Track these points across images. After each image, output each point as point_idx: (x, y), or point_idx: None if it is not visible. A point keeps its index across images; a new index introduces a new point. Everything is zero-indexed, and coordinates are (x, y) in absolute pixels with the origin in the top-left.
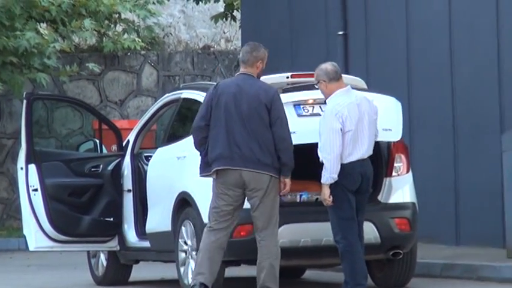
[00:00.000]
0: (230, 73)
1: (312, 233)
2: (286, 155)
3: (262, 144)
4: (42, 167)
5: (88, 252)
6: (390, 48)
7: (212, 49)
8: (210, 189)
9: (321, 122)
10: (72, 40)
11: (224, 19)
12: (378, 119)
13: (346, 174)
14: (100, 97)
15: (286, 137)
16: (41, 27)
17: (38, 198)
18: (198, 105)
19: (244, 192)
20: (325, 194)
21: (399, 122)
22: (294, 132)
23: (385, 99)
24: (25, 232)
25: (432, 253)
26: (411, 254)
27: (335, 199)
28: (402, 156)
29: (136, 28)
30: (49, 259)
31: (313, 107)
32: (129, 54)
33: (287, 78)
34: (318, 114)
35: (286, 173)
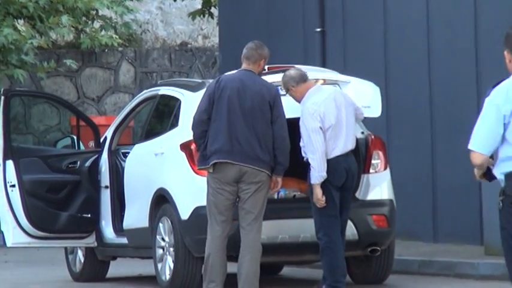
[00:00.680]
0: (207, 70)
1: (290, 229)
2: (283, 155)
3: (262, 141)
4: (19, 163)
5: (65, 248)
6: (368, 45)
7: (189, 46)
8: (187, 185)
9: (300, 124)
10: (49, 36)
11: (202, 16)
12: (356, 101)
13: (332, 170)
14: (77, 93)
15: (285, 136)
16: (18, 24)
17: (15, 195)
18: (176, 101)
19: (237, 185)
20: (317, 194)
21: (378, 99)
22: None
23: (363, 82)
24: (2, 228)
25: (410, 250)
26: (389, 251)
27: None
28: (380, 153)
29: (113, 25)
30: (27, 255)
31: None
32: (106, 50)
33: (264, 71)
34: None
35: (280, 172)
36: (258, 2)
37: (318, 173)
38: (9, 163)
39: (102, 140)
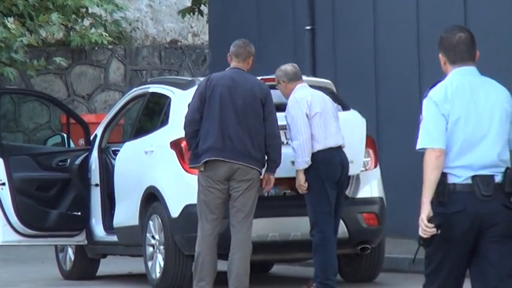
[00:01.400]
0: (197, 68)
1: (280, 227)
2: (275, 152)
3: (254, 139)
4: (9, 161)
5: (56, 246)
6: (358, 43)
7: (179, 44)
8: (177, 183)
9: (286, 114)
10: (39, 34)
11: (191, 14)
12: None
13: (327, 164)
14: (67, 91)
15: (277, 133)
16: (8, 22)
17: (5, 193)
18: (165, 99)
19: (228, 183)
20: (300, 180)
21: (361, 151)
22: None
23: (347, 121)
24: None
25: (400, 248)
26: (379, 249)
27: (314, 193)
28: (370, 151)
29: (103, 22)
30: (16, 253)
31: None
32: (96, 48)
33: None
34: None
35: (273, 170)
36: (248, 0)
37: (301, 158)
38: None
39: (92, 138)
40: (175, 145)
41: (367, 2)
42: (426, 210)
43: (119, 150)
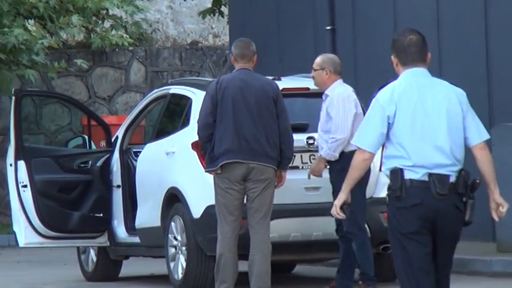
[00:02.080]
0: (218, 69)
1: (302, 227)
2: (289, 149)
3: (269, 137)
4: (31, 163)
5: (78, 248)
6: (378, 43)
7: (200, 45)
8: (199, 184)
9: (329, 108)
10: (60, 36)
11: (212, 15)
12: None
13: None
14: (88, 93)
15: (290, 130)
16: (28, 24)
17: (27, 195)
18: (187, 100)
19: (245, 184)
20: (319, 167)
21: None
22: None
23: None
24: (15, 228)
25: None
26: None
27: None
28: None
29: (124, 24)
30: (39, 255)
31: None
32: (117, 50)
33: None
34: None
35: (286, 166)
36: (269, 1)
37: (332, 151)
38: (21, 163)
39: (113, 140)
40: (196, 146)
41: (387, 2)
42: (343, 198)
43: (140, 152)
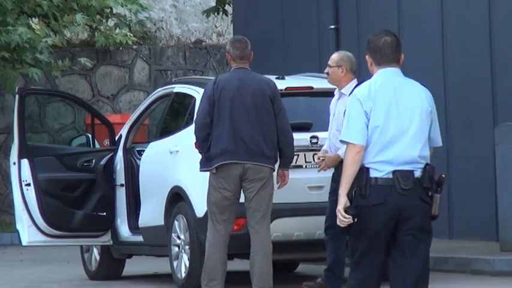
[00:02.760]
0: (222, 67)
1: (305, 226)
2: (289, 148)
3: (266, 136)
4: (34, 161)
5: (81, 246)
6: None
7: (204, 43)
8: (202, 183)
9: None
10: (64, 35)
11: (216, 13)
12: None
13: None
14: (92, 92)
15: (288, 129)
16: (32, 22)
17: (30, 193)
18: (190, 99)
19: (241, 184)
20: (332, 161)
21: None
22: None
23: None
24: (18, 227)
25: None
26: None
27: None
28: None
29: (128, 23)
30: (42, 254)
31: None
32: (121, 48)
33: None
34: None
35: (287, 165)
36: (272, 0)
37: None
38: (24, 162)
39: (117, 138)
40: None
41: (392, 1)
42: (343, 201)
43: (143, 151)
